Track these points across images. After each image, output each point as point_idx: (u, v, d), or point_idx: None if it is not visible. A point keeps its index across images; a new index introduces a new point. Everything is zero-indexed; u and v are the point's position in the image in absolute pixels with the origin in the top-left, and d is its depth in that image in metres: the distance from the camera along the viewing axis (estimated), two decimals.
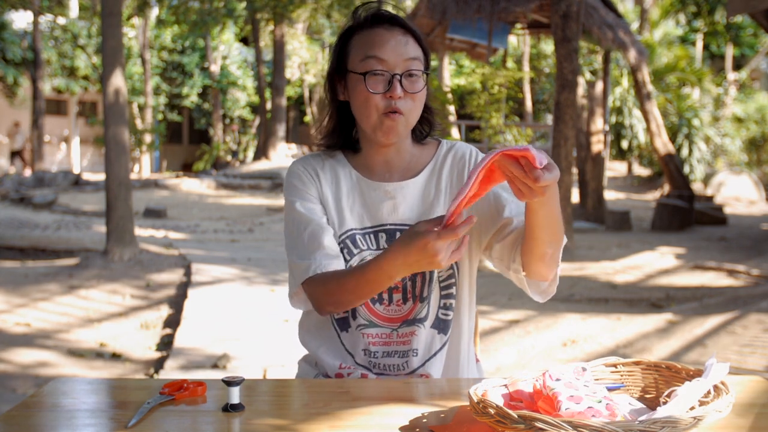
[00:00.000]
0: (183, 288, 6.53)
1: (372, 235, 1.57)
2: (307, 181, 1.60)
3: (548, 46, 21.94)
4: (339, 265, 1.52)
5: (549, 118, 21.08)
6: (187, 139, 25.76)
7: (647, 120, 13.90)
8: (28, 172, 18.14)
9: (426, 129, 1.64)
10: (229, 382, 1.25)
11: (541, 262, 1.45)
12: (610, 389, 1.28)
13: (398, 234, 1.55)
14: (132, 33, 21.01)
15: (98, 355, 4.77)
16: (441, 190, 1.59)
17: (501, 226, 1.54)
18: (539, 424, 1.01)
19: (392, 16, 1.52)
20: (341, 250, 1.56)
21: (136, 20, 19.77)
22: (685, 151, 16.79)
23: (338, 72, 1.56)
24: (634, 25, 20.96)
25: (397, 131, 1.51)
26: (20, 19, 19.74)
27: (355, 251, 1.56)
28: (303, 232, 1.54)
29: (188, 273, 7.05)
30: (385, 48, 1.48)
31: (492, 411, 1.07)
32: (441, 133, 1.71)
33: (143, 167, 20.57)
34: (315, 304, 1.53)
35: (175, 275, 7.04)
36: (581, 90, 14.51)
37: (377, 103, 1.48)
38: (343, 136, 1.62)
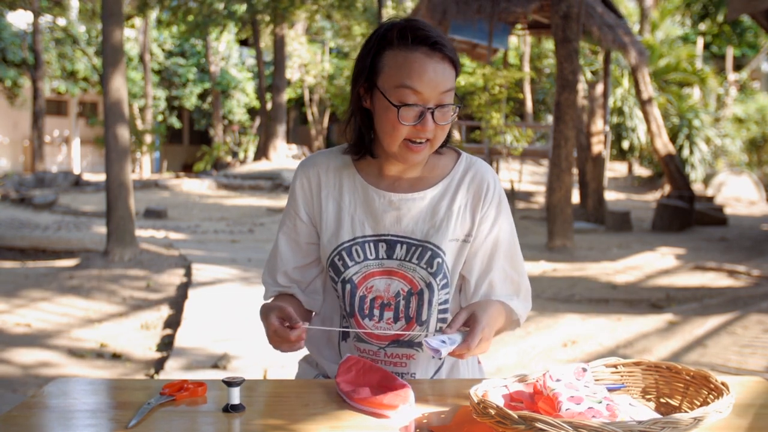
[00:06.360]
0: (183, 288, 6.53)
1: (372, 244, 1.51)
2: (302, 195, 1.57)
3: (549, 46, 21.93)
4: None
5: (549, 119, 21.08)
6: (188, 139, 25.75)
7: (648, 120, 13.90)
8: None
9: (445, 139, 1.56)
10: (229, 383, 1.25)
11: None
12: (610, 390, 1.28)
13: (399, 245, 1.50)
14: (132, 34, 21.00)
15: (99, 355, 4.77)
16: (453, 212, 1.51)
17: (460, 275, 1.56)
18: (539, 425, 1.01)
19: (435, 40, 1.39)
20: (331, 266, 1.53)
21: (136, 21, 19.76)
22: (685, 152, 16.80)
23: (365, 80, 1.46)
24: (636, 26, 20.94)
25: (419, 160, 1.45)
26: (20, 20, 19.72)
27: (350, 263, 1.52)
28: (273, 258, 1.62)
29: (188, 273, 7.05)
30: (423, 80, 1.37)
31: (492, 411, 1.07)
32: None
33: (143, 168, 20.56)
34: None
35: (176, 275, 7.04)
36: (582, 91, 14.51)
37: (405, 132, 1.41)
38: (367, 143, 1.53)
